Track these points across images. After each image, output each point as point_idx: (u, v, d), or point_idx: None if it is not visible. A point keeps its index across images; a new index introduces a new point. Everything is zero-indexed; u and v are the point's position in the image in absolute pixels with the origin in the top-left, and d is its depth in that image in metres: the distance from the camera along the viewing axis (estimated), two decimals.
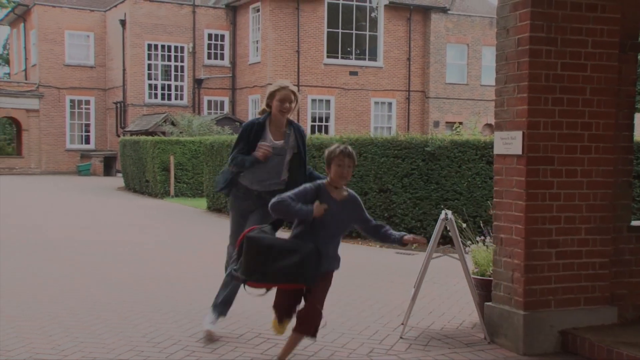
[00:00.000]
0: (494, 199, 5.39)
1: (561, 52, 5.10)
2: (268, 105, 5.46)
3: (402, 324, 5.70)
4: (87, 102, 35.12)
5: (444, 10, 33.35)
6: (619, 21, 5.25)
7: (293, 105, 5.43)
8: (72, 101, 34.68)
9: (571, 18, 5.11)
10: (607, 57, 5.23)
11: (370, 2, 31.91)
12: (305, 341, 5.34)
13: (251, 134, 5.41)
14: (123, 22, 32.04)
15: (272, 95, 5.42)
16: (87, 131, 35.29)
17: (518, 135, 5.08)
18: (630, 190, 5.51)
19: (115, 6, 33.50)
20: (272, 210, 4.28)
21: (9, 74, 47.55)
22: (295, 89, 5.49)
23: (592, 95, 5.19)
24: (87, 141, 35.28)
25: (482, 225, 8.36)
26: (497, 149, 5.33)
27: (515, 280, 5.13)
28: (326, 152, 4.48)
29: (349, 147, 4.47)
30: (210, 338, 5.32)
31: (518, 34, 5.12)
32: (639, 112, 17.90)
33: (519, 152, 5.08)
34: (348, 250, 10.37)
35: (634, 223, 5.65)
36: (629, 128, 5.43)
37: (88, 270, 8.37)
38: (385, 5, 31.91)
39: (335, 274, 4.63)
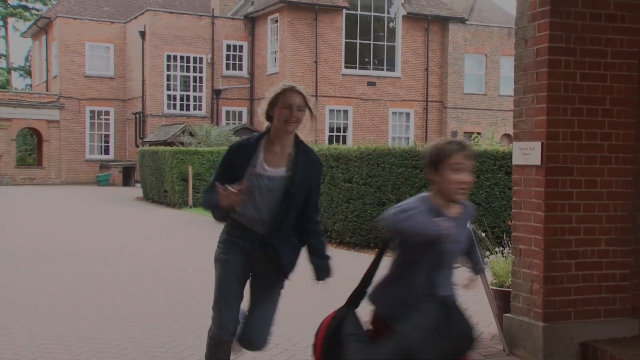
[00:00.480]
0: (513, 210, 5.36)
1: (580, 62, 5.08)
2: (269, 117, 3.78)
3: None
4: (107, 113, 35.44)
5: (462, 20, 33.32)
6: (638, 31, 5.23)
7: (301, 114, 3.71)
8: (92, 112, 35.02)
9: (590, 28, 5.09)
10: (627, 68, 5.20)
11: (388, 13, 31.97)
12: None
13: (235, 159, 3.73)
14: (143, 34, 32.35)
15: (273, 102, 3.72)
16: (107, 142, 35.59)
17: (537, 145, 5.06)
18: None
19: (135, 18, 33.84)
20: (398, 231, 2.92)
21: (30, 85, 48.14)
22: (306, 91, 3.78)
23: (611, 105, 5.17)
24: (107, 152, 35.58)
25: (503, 235, 8.31)
26: (516, 160, 5.31)
27: (534, 291, 5.10)
28: (431, 148, 3.12)
29: (465, 140, 3.17)
30: None
31: (537, 44, 5.11)
32: None
33: (538, 162, 5.05)
34: (365, 261, 10.35)
35: None
36: None
37: (108, 280, 8.43)
38: (403, 16, 31.95)
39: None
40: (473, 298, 7.54)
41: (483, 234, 6.48)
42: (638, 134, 5.30)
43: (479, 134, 20.82)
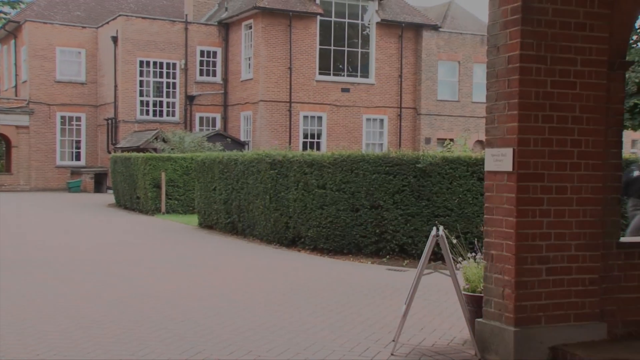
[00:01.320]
0: (485, 216, 5.41)
1: (551, 70, 5.15)
2: None
3: (394, 340, 5.69)
4: (78, 119, 35.06)
5: (435, 28, 33.59)
6: (607, 40, 5.31)
7: None
8: (62, 117, 34.61)
9: (560, 37, 5.17)
10: (595, 75, 5.28)
11: (362, 20, 32.12)
12: (296, 357, 5.33)
13: None
14: (115, 39, 32.09)
15: None
16: (78, 148, 35.20)
17: (509, 152, 5.12)
18: (619, 207, 5.54)
19: (107, 23, 33.56)
20: None
21: None
22: None
23: (581, 112, 5.24)
24: (78, 158, 35.19)
25: (475, 242, 8.37)
26: (488, 166, 5.36)
27: (506, 296, 5.14)
28: None
29: None
30: None
31: (508, 52, 5.17)
32: (626, 130, 18.04)
33: (510, 168, 5.11)
34: (338, 267, 10.37)
35: (623, 239, 5.69)
36: (618, 145, 5.48)
37: (78, 288, 8.33)
38: (377, 23, 32.12)
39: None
40: (446, 303, 7.59)
41: (455, 240, 6.53)
42: (607, 140, 5.39)
43: (452, 140, 20.93)
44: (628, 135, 35.59)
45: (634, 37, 17.72)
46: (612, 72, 5.39)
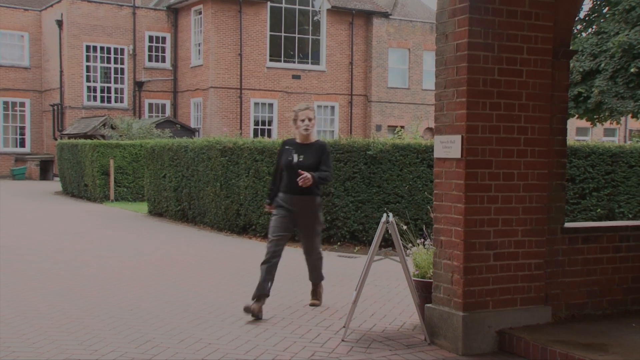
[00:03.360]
0: (434, 202, 5.47)
1: (498, 57, 5.22)
2: None
3: (344, 326, 5.72)
4: (22, 104, 34.14)
5: (385, 15, 33.72)
6: (552, 29, 5.40)
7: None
8: (5, 103, 33.66)
9: (507, 25, 5.23)
10: (541, 64, 5.37)
11: (313, 6, 32.02)
12: (246, 345, 5.31)
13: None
14: (60, 23, 31.30)
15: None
16: (22, 134, 34.30)
17: (457, 139, 5.17)
18: (564, 193, 5.67)
19: (51, 6, 32.68)
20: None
21: None
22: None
23: (527, 100, 5.33)
24: (22, 144, 34.30)
25: (423, 228, 8.46)
26: (437, 153, 5.41)
27: (454, 282, 5.21)
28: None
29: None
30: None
31: (457, 39, 5.21)
32: (571, 117, 18.50)
33: (458, 155, 5.16)
34: (289, 254, 10.37)
35: (567, 225, 5.82)
36: (563, 132, 5.59)
37: (24, 278, 8.13)
38: (327, 10, 32.07)
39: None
40: (396, 289, 7.66)
41: (405, 227, 6.59)
42: (552, 128, 5.49)
43: (402, 127, 21.11)
44: (573, 123, 36.45)
45: (578, 27, 18.12)
46: (556, 60, 5.49)
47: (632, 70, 16.50)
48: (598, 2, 17.83)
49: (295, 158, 6.48)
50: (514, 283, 5.32)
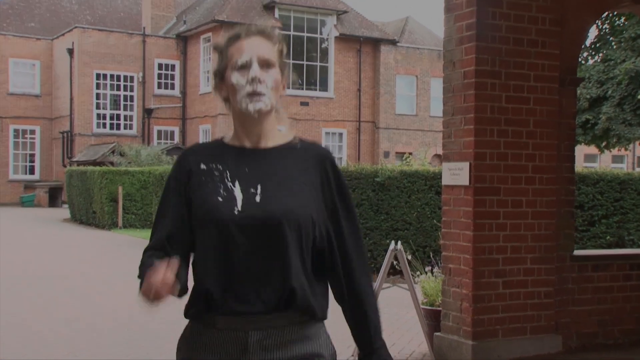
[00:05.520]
0: (442, 229, 5.44)
1: (505, 85, 5.23)
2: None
3: (353, 355, 5.67)
4: (32, 132, 34.38)
5: (393, 42, 33.93)
6: (558, 57, 5.43)
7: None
8: (15, 131, 33.89)
9: (514, 53, 5.25)
10: (548, 91, 5.38)
11: (321, 34, 32.28)
12: None
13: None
14: (71, 51, 31.63)
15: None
16: (32, 161, 34.48)
17: (465, 166, 5.17)
18: (573, 220, 5.64)
19: (63, 35, 33.06)
20: None
21: None
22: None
23: (535, 127, 5.33)
24: (32, 171, 34.46)
25: (431, 255, 8.43)
26: (445, 180, 5.41)
27: (463, 310, 5.17)
28: None
29: None
30: None
31: (464, 67, 5.23)
32: (579, 144, 18.49)
33: (467, 182, 5.15)
34: None
35: (577, 252, 5.79)
36: (571, 159, 5.58)
37: (30, 305, 8.12)
38: (335, 37, 32.31)
39: None
40: (405, 317, 7.60)
41: (409, 257, 6.57)
42: (560, 155, 5.49)
43: (410, 154, 21.15)
44: (581, 150, 36.41)
45: (585, 54, 18.17)
46: (563, 88, 5.50)
47: (639, 97, 16.50)
48: (604, 31, 17.89)
49: (237, 195, 1.87)
50: (523, 311, 5.27)
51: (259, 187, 1.83)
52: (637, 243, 12.69)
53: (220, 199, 1.82)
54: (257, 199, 1.81)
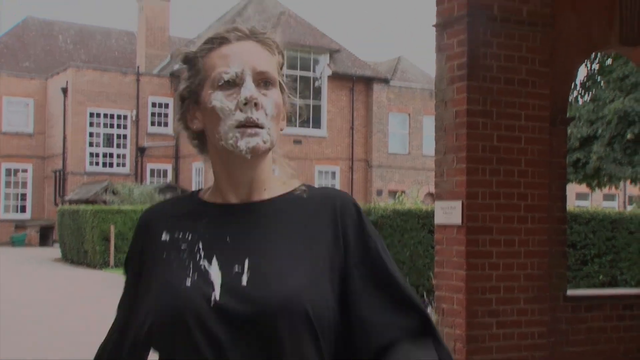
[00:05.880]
0: (435, 269, 5.42)
1: (497, 124, 5.26)
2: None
3: None
4: (25, 170, 34.31)
5: (385, 81, 34.25)
6: (548, 97, 5.47)
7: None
8: (7, 170, 33.82)
9: (505, 92, 5.30)
10: (539, 130, 5.42)
11: (314, 72, 32.57)
12: None
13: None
14: (65, 90, 31.77)
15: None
16: (24, 200, 34.34)
17: (458, 205, 5.17)
18: (565, 260, 5.63)
19: (57, 74, 33.25)
20: None
21: None
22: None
23: (526, 166, 5.35)
24: (23, 210, 34.29)
25: (425, 295, 8.38)
26: (438, 219, 5.40)
27: (457, 351, 5.12)
28: None
29: None
30: None
31: (456, 106, 5.27)
32: (570, 183, 18.57)
33: (459, 222, 5.15)
34: None
35: (570, 292, 5.76)
36: (562, 199, 5.60)
37: (21, 349, 8.00)
38: (328, 76, 32.60)
39: None
40: None
41: None
42: (551, 194, 5.50)
43: (403, 192, 21.20)
44: (572, 188, 36.56)
45: (575, 94, 18.37)
46: (554, 127, 5.54)
47: (628, 136, 16.65)
48: (593, 70, 18.13)
49: (214, 276, 1.27)
50: (517, 352, 5.22)
51: (246, 262, 1.24)
52: (630, 283, 12.67)
53: (188, 283, 1.24)
54: (243, 280, 1.23)
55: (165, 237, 1.33)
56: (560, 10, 5.56)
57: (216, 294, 1.23)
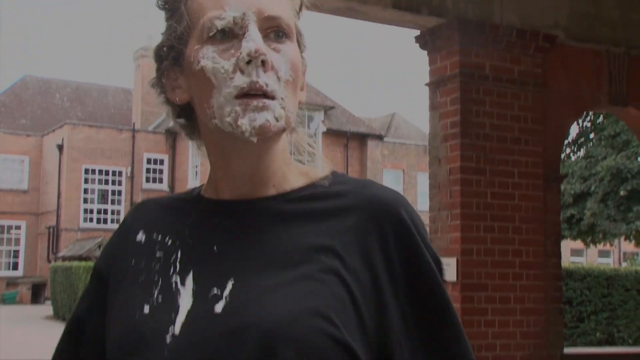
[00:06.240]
0: None
1: (490, 181, 5.31)
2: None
3: None
4: (18, 227, 34.14)
5: (379, 137, 34.56)
6: (541, 154, 5.54)
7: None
8: (1, 226, 33.68)
9: (498, 150, 5.37)
10: (532, 187, 5.46)
11: (308, 128, 32.78)
12: None
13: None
14: (60, 147, 31.92)
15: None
16: (16, 257, 34.06)
17: (452, 262, 5.17)
18: (562, 317, 5.61)
19: (53, 131, 33.46)
20: None
21: None
22: None
23: (520, 223, 5.37)
24: (15, 267, 33.98)
25: None
26: None
27: None
28: None
29: None
30: None
31: (449, 163, 5.33)
32: (565, 239, 18.59)
33: (454, 278, 5.14)
34: None
35: (567, 350, 5.71)
36: (557, 255, 5.60)
37: None
38: (323, 132, 32.89)
39: None
40: None
41: None
42: (546, 250, 5.51)
43: None
44: (567, 245, 36.53)
45: (567, 150, 18.57)
46: (547, 184, 5.59)
47: (621, 193, 16.76)
48: (585, 128, 18.37)
49: (183, 299, 0.92)
50: None
51: (229, 283, 0.89)
52: (627, 341, 12.55)
53: (145, 310, 0.91)
54: (217, 307, 0.87)
55: (140, 236, 1.01)
56: (551, 70, 5.68)
57: (175, 327, 0.88)
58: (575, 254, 40.68)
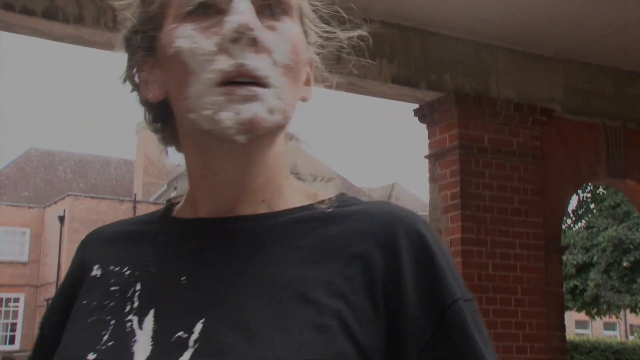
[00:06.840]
0: None
1: (492, 253, 5.30)
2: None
3: None
4: (17, 300, 33.78)
5: None
6: (542, 225, 5.56)
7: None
8: None
9: (499, 221, 5.38)
10: (534, 259, 5.45)
11: None
12: None
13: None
14: (62, 218, 31.95)
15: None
16: (13, 330, 33.56)
17: None
18: None
19: (55, 203, 33.56)
20: None
21: None
22: None
23: (523, 295, 5.34)
24: (12, 341, 33.43)
25: None
26: None
27: None
28: None
29: None
30: None
31: (450, 234, 5.33)
32: (569, 311, 18.38)
33: None
34: None
35: None
36: (561, 328, 5.54)
37: None
38: None
39: None
40: None
41: None
42: (549, 323, 5.45)
43: None
44: (572, 316, 36.04)
45: (569, 221, 18.58)
46: (549, 255, 5.58)
47: (624, 264, 16.68)
48: (585, 198, 18.43)
49: (139, 346, 0.71)
50: None
51: (198, 325, 0.70)
52: None
53: (90, 358, 0.71)
54: (185, 355, 0.68)
55: (96, 271, 0.82)
56: (549, 143, 5.76)
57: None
58: (580, 326, 40.04)
